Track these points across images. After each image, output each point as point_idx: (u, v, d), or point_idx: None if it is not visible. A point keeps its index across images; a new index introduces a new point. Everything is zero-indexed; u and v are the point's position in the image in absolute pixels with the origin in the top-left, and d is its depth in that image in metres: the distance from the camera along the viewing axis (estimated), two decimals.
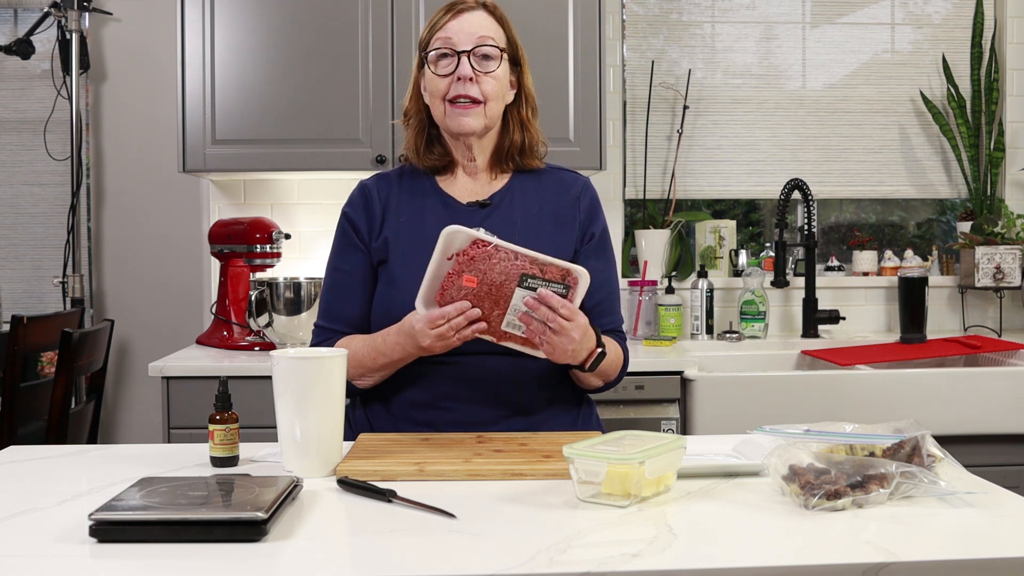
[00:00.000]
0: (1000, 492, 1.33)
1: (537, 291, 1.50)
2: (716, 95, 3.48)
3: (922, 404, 2.62)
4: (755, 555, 1.09)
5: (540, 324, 1.51)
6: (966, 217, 3.46)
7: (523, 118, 1.79)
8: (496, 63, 1.72)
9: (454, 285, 1.51)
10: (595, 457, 1.25)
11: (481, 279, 1.50)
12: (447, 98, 1.71)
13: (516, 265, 1.50)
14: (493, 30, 1.73)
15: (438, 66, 1.71)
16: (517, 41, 1.78)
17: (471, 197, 1.78)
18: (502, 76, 1.73)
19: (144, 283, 3.40)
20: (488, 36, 1.71)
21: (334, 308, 1.78)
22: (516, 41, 1.78)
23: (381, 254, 1.76)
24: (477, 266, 1.49)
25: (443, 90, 1.71)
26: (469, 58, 1.69)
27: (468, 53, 1.69)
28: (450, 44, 1.70)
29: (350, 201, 1.81)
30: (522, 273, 1.50)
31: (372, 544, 1.14)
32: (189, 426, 2.65)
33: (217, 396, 1.48)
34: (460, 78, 1.69)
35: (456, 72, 1.69)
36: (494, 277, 1.50)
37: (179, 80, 2.93)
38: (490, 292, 1.51)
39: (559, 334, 1.51)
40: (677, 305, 3.20)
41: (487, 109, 1.71)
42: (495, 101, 1.72)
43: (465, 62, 1.69)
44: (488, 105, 1.71)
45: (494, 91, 1.71)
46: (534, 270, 1.50)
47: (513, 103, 1.78)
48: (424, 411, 1.71)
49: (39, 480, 1.44)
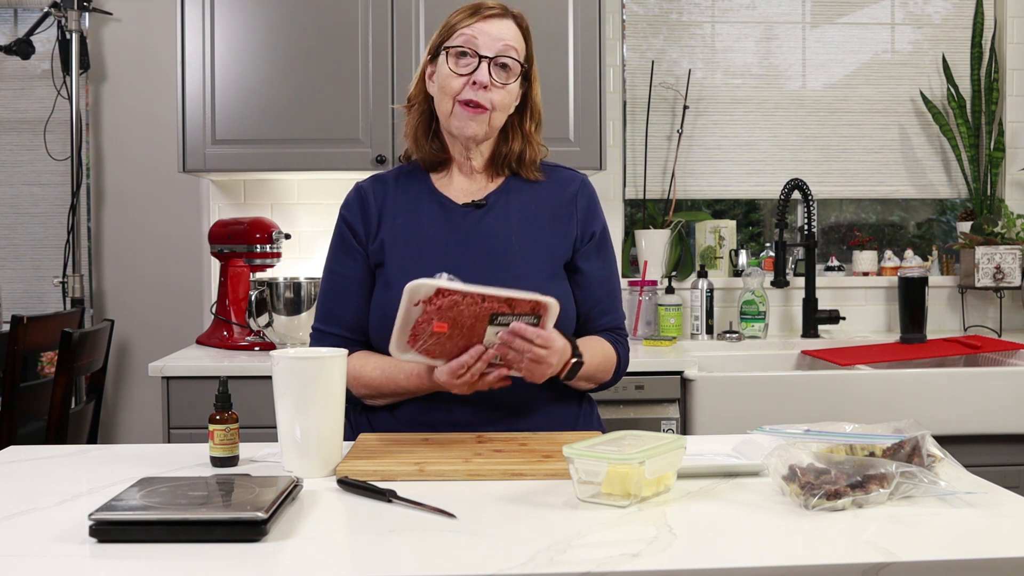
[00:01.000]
0: (1000, 492, 1.33)
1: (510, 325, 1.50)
2: (716, 95, 3.48)
3: (922, 404, 2.62)
4: (755, 555, 1.09)
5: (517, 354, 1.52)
6: (966, 217, 3.46)
7: (526, 130, 1.77)
8: (513, 77, 1.70)
9: (425, 332, 1.50)
10: (595, 457, 1.25)
11: (452, 324, 1.49)
12: (458, 98, 1.69)
13: (484, 307, 1.48)
14: (517, 42, 1.71)
15: (457, 64, 1.69)
16: (534, 57, 1.77)
17: (467, 197, 1.77)
18: (514, 91, 1.72)
19: (144, 283, 3.40)
20: (512, 47, 1.70)
21: (332, 312, 1.77)
22: (532, 55, 1.76)
23: (378, 256, 1.75)
24: (445, 313, 1.48)
25: (456, 89, 1.68)
26: (489, 65, 1.68)
27: (490, 60, 1.68)
28: (473, 45, 1.68)
29: (346, 204, 1.80)
30: (491, 312, 1.49)
31: (372, 544, 1.14)
32: (189, 426, 2.65)
33: (217, 396, 1.48)
34: (476, 83, 1.67)
35: (473, 76, 1.67)
36: (464, 321, 1.49)
37: (179, 80, 2.93)
38: (462, 334, 1.50)
39: (539, 363, 1.53)
40: (677, 305, 3.20)
41: (492, 118, 1.70)
42: (501, 112, 1.71)
43: (484, 68, 1.67)
44: (494, 114, 1.70)
45: (503, 103, 1.70)
46: (503, 308, 1.49)
47: (517, 113, 1.77)
48: (425, 412, 1.70)
49: (39, 480, 1.44)
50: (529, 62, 1.75)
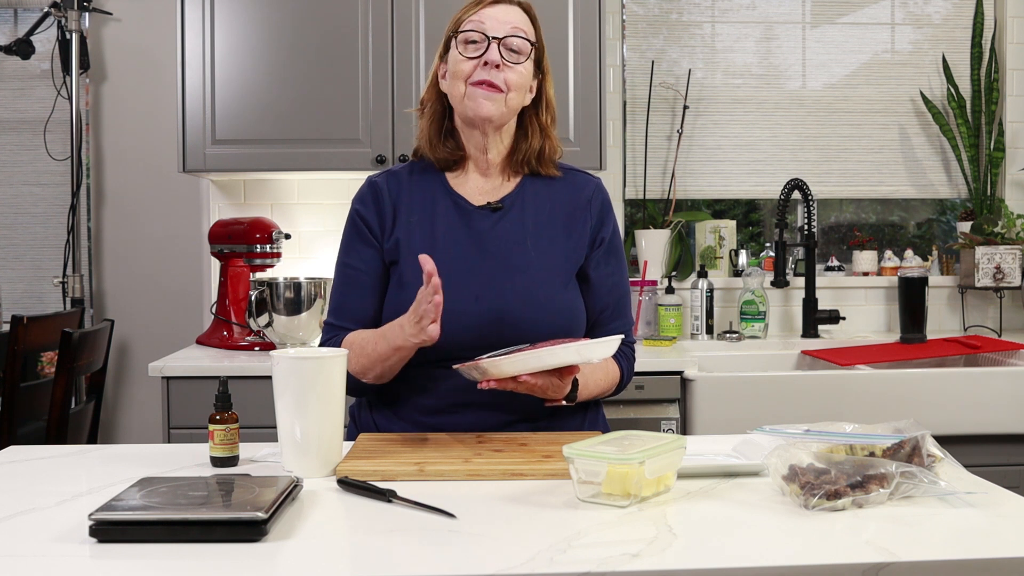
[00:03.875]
0: (1000, 492, 1.33)
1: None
2: (716, 95, 3.48)
3: (922, 404, 2.62)
4: (755, 555, 1.08)
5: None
6: (966, 217, 3.46)
7: (543, 124, 1.77)
8: (524, 57, 1.70)
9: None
10: (595, 457, 1.25)
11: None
12: (469, 80, 1.68)
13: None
14: (526, 25, 1.72)
15: (466, 49, 1.68)
16: (544, 46, 1.76)
17: (483, 198, 1.76)
18: (526, 71, 1.71)
19: (144, 283, 3.40)
20: (521, 28, 1.70)
21: (344, 305, 1.75)
22: (543, 45, 1.76)
23: (392, 255, 1.74)
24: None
25: (467, 72, 1.68)
26: (499, 46, 1.67)
27: (500, 41, 1.67)
28: (482, 29, 1.68)
29: (360, 197, 1.78)
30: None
31: (372, 544, 1.14)
32: (189, 426, 2.65)
33: (217, 396, 1.48)
34: (487, 63, 1.66)
35: (484, 56, 1.67)
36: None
37: (179, 80, 2.93)
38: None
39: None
40: (677, 305, 3.20)
41: (507, 99, 1.69)
42: (516, 92, 1.70)
43: (495, 48, 1.67)
44: (509, 95, 1.69)
45: (517, 82, 1.69)
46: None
47: (533, 107, 1.76)
48: (431, 416, 1.69)
49: (39, 480, 1.44)
50: (540, 51, 1.75)
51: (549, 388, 1.56)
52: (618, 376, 1.80)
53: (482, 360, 1.49)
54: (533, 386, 1.53)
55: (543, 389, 1.55)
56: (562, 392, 1.60)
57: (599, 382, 1.74)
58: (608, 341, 1.53)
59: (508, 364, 1.47)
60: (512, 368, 1.48)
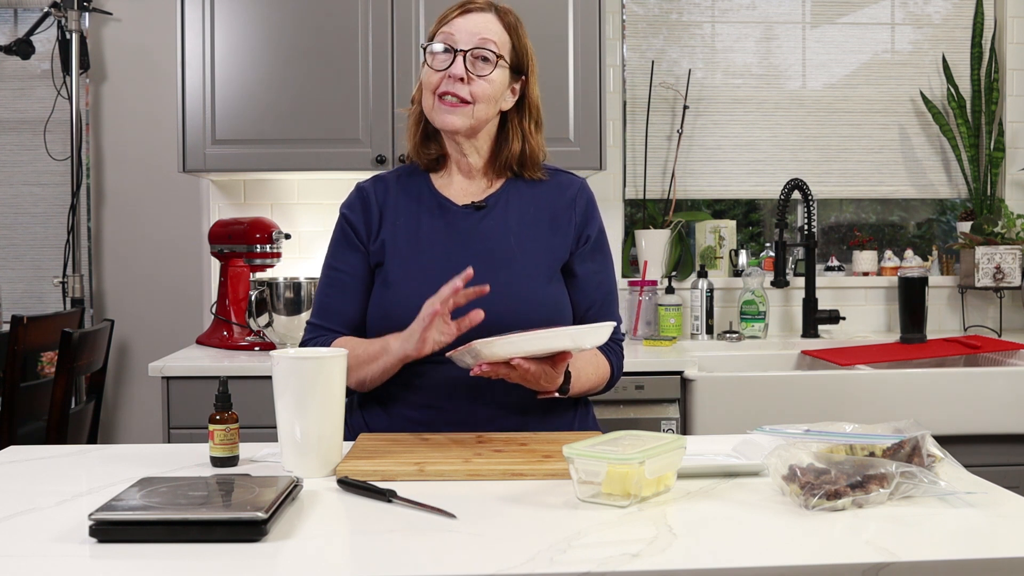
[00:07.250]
0: (1000, 492, 1.33)
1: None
2: (716, 95, 3.48)
3: (922, 404, 2.62)
4: (755, 555, 1.08)
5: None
6: (966, 217, 3.46)
7: (524, 129, 1.78)
8: (491, 67, 1.71)
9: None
10: (595, 457, 1.25)
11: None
12: (436, 92, 1.71)
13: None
14: (497, 34, 1.72)
15: (435, 60, 1.72)
16: (527, 50, 1.77)
17: (467, 198, 1.78)
18: (496, 80, 1.72)
19: (144, 283, 3.40)
20: (490, 39, 1.71)
21: (329, 306, 1.78)
22: (525, 50, 1.76)
23: (378, 256, 1.76)
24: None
25: (434, 84, 1.71)
26: (465, 58, 1.69)
27: (465, 53, 1.69)
28: (451, 40, 1.71)
29: (348, 203, 1.81)
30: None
31: (372, 544, 1.14)
32: (189, 426, 2.65)
33: (217, 396, 1.48)
34: (451, 76, 1.69)
35: (448, 71, 1.69)
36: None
37: (179, 80, 2.93)
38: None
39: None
40: (677, 305, 3.20)
41: (475, 111, 1.71)
42: (484, 104, 1.71)
43: (459, 61, 1.69)
44: (476, 107, 1.71)
45: (484, 94, 1.71)
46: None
47: (515, 112, 1.77)
48: (419, 411, 1.71)
49: (39, 480, 1.44)
50: (520, 55, 1.75)
51: (542, 376, 1.56)
52: (608, 372, 1.80)
53: (475, 343, 1.50)
54: (527, 371, 1.53)
55: (536, 376, 1.55)
56: (555, 382, 1.60)
57: (590, 376, 1.75)
58: (600, 327, 1.54)
59: (501, 346, 1.49)
60: (505, 350, 1.49)
